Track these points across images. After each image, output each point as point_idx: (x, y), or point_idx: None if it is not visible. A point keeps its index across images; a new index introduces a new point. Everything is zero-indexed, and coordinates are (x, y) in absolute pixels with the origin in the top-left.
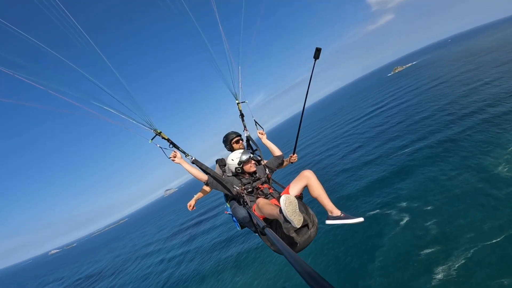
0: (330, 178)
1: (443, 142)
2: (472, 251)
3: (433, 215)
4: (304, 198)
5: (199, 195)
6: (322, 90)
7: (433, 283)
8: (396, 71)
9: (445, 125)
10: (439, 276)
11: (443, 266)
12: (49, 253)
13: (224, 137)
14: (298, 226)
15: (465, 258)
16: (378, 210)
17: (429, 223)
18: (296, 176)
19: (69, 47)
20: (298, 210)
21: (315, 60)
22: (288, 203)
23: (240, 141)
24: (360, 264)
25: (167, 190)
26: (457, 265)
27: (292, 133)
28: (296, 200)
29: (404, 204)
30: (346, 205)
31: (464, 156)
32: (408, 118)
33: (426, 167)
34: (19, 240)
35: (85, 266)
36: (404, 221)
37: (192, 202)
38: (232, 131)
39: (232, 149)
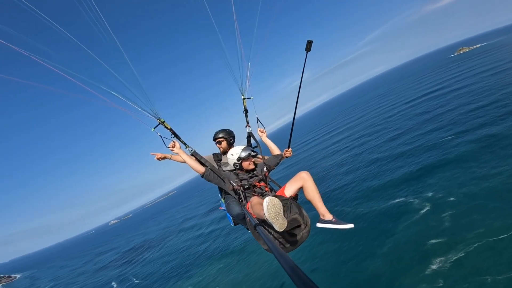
0: (358, 167)
1: (488, 137)
2: (475, 245)
3: (453, 206)
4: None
5: (176, 158)
6: (372, 69)
7: (426, 272)
8: (461, 52)
9: (495, 119)
10: (434, 266)
11: (441, 258)
12: (109, 224)
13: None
14: (280, 230)
15: (465, 251)
16: (403, 198)
17: (445, 214)
18: (294, 174)
19: (81, 29)
20: (281, 213)
21: (306, 53)
22: (271, 205)
23: (223, 142)
24: (368, 249)
25: None
26: (455, 258)
27: (333, 113)
28: (280, 204)
29: (429, 194)
30: (375, 190)
31: (504, 155)
32: (460, 106)
33: (463, 161)
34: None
35: (137, 237)
36: (424, 210)
37: (159, 155)
38: (220, 130)
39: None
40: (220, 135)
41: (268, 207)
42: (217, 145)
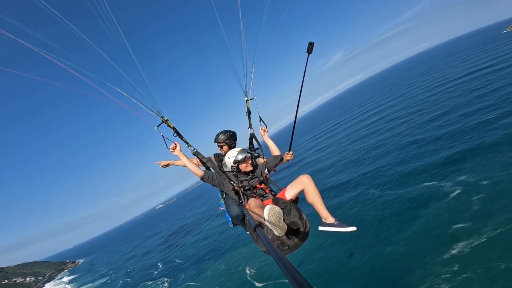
0: (392, 149)
1: None
2: (498, 231)
3: (483, 191)
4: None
5: (178, 163)
6: (415, 46)
7: (444, 256)
8: None
9: None
10: (454, 251)
11: (463, 243)
12: (156, 208)
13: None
14: (280, 236)
15: (488, 237)
16: (434, 182)
17: (475, 198)
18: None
19: (87, 26)
20: (282, 220)
21: (308, 55)
22: (272, 214)
23: (224, 147)
24: (394, 232)
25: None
26: (476, 243)
27: (369, 93)
28: (280, 211)
29: (463, 177)
30: (406, 175)
31: None
32: (506, 86)
33: (503, 144)
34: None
35: (179, 221)
36: (454, 194)
37: (163, 162)
38: (221, 133)
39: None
40: (221, 139)
41: (269, 215)
42: (219, 148)
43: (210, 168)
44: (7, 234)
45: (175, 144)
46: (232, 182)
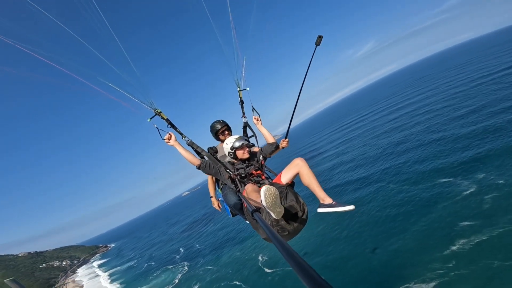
0: (416, 145)
1: None
2: (500, 230)
3: (499, 189)
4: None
5: (211, 189)
6: (460, 35)
7: (444, 253)
8: None
9: None
10: (454, 248)
11: (464, 240)
12: (182, 195)
13: (210, 127)
14: (277, 218)
15: (489, 235)
16: (451, 179)
17: (488, 196)
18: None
19: (74, 20)
20: (278, 202)
21: (316, 47)
22: (268, 194)
23: (226, 132)
24: (400, 226)
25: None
26: (476, 240)
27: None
28: (277, 192)
29: (481, 175)
30: (425, 172)
31: None
32: None
33: None
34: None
35: (202, 209)
36: (468, 192)
37: (215, 203)
38: (216, 121)
39: (219, 140)
40: (220, 126)
41: (266, 196)
42: (221, 136)
43: (205, 158)
44: (48, 220)
45: (170, 134)
46: (228, 170)
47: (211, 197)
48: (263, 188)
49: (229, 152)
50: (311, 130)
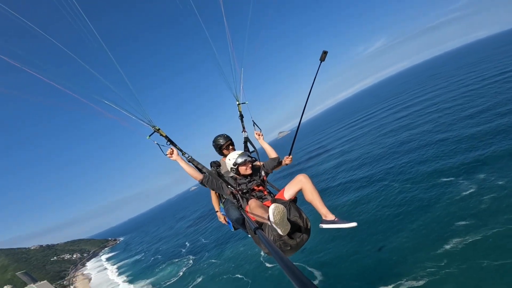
0: (420, 145)
1: None
2: (494, 231)
3: (498, 190)
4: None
5: (215, 204)
6: (474, 33)
7: (438, 251)
8: None
9: None
10: (448, 246)
11: (459, 239)
12: (190, 189)
13: (213, 142)
14: (283, 235)
15: (483, 235)
16: (452, 178)
17: (486, 197)
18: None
19: (74, 42)
20: (286, 219)
21: (320, 63)
22: (276, 212)
23: (230, 147)
24: (398, 225)
25: (280, 132)
26: (470, 240)
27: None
28: (285, 209)
29: (482, 176)
30: (427, 172)
31: None
32: None
33: None
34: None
35: (209, 204)
36: (467, 192)
37: (221, 217)
38: (220, 136)
39: (222, 155)
40: (224, 141)
41: (274, 214)
42: (225, 151)
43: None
44: (60, 213)
45: (171, 149)
46: (230, 185)
47: (216, 211)
48: (272, 206)
49: (231, 168)
50: (319, 127)
